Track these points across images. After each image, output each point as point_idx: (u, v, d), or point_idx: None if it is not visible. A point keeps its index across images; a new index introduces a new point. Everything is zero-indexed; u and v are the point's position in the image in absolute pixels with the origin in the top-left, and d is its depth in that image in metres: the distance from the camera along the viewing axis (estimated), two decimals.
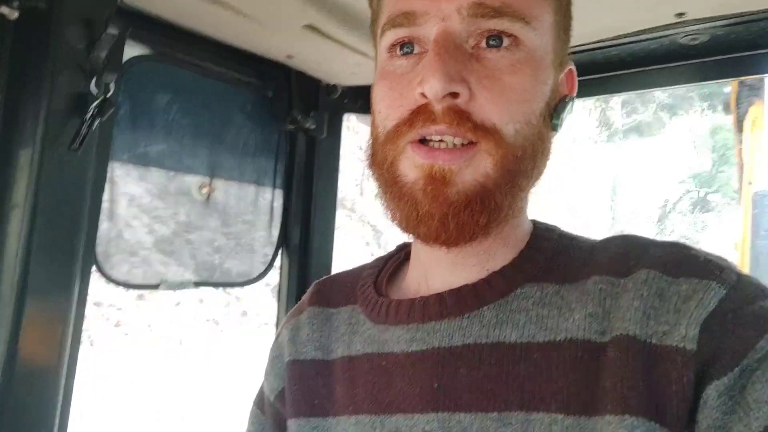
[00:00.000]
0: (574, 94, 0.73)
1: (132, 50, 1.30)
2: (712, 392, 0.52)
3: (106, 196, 1.25)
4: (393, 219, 0.67)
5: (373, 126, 0.70)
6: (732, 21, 1.09)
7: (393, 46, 0.66)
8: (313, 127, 1.59)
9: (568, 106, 0.70)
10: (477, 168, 0.61)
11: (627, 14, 1.10)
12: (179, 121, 1.40)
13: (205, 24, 1.29)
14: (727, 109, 3.65)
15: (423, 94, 0.61)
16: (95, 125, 1.11)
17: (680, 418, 0.54)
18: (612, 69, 1.29)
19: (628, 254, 0.64)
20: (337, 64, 1.47)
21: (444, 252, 0.66)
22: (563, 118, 0.69)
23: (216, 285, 1.51)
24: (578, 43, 1.23)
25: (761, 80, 3.81)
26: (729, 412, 0.52)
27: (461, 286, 0.67)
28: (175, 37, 1.32)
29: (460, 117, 0.60)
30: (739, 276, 0.59)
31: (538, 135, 0.64)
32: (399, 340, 0.69)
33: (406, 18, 0.63)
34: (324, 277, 0.90)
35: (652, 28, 1.14)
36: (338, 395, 0.74)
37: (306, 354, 0.79)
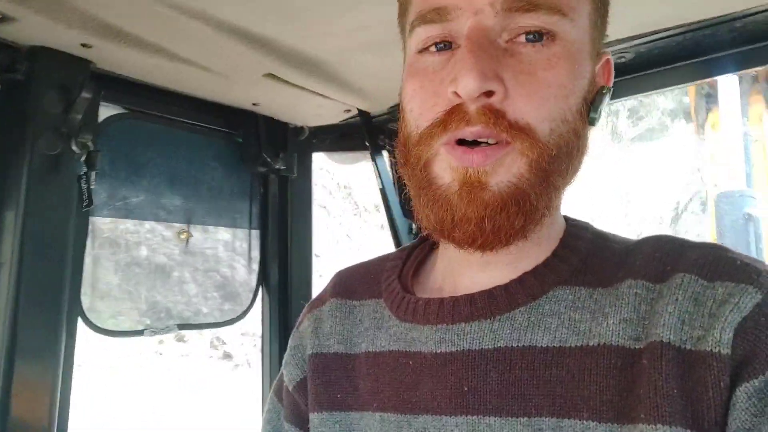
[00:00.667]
0: (611, 85, 0.69)
1: (107, 110, 1.39)
2: (741, 394, 0.51)
3: (88, 249, 1.32)
4: (426, 222, 0.64)
5: (404, 124, 0.66)
6: (651, 38, 1.19)
7: (424, 42, 0.63)
8: (283, 167, 1.67)
9: (606, 98, 0.66)
10: (510, 168, 0.59)
11: None
12: (156, 173, 1.48)
13: (173, 81, 1.38)
14: (687, 117, 3.80)
15: (457, 93, 0.58)
16: (92, 179, 1.19)
17: (718, 424, 0.52)
18: None
19: (663, 257, 0.62)
20: (300, 107, 1.56)
21: (476, 253, 0.63)
22: (600, 112, 0.65)
23: (199, 327, 1.56)
24: None
25: (715, 88, 4.00)
26: (758, 414, 0.51)
27: (493, 288, 0.65)
28: (147, 94, 1.41)
29: (496, 116, 0.58)
30: None
31: (574, 132, 0.62)
32: (427, 340, 0.67)
33: (438, 13, 0.61)
34: (345, 267, 0.88)
35: None
36: (362, 390, 0.72)
37: (329, 347, 0.78)
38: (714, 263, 0.59)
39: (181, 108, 1.49)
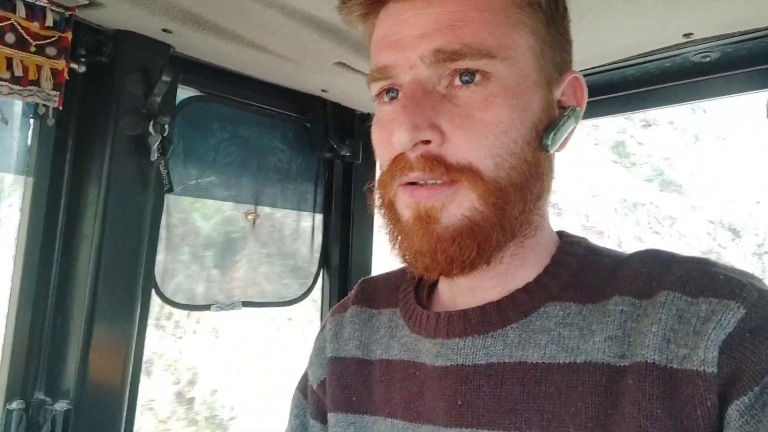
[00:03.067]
0: (581, 105, 0.70)
1: (183, 92, 1.44)
2: (733, 412, 0.52)
3: (162, 226, 1.38)
4: (397, 255, 0.68)
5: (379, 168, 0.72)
6: (740, 38, 1.13)
7: (379, 94, 0.68)
8: (348, 153, 1.69)
9: (565, 122, 0.67)
10: (462, 203, 0.62)
11: (636, 36, 1.15)
12: (227, 155, 1.53)
13: (247, 66, 1.42)
14: None
15: None
16: (166, 163, 1.25)
17: None
18: (629, 88, 1.35)
19: (650, 273, 0.63)
20: (368, 94, 1.55)
21: (457, 278, 0.66)
22: (556, 138, 0.66)
23: (263, 305, 1.61)
24: (594, 65, 1.29)
25: None
26: (752, 431, 0.51)
27: (485, 304, 0.68)
28: (221, 79, 1.46)
29: (433, 162, 0.61)
30: (761, 293, 0.57)
31: (525, 161, 0.63)
32: (428, 352, 0.70)
33: (381, 72, 0.65)
34: (369, 276, 0.92)
35: (663, 48, 1.19)
36: (376, 395, 0.76)
37: (347, 352, 0.81)
38: (698, 279, 0.59)
39: (254, 92, 1.53)
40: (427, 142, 0.61)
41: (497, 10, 0.63)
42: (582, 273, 0.68)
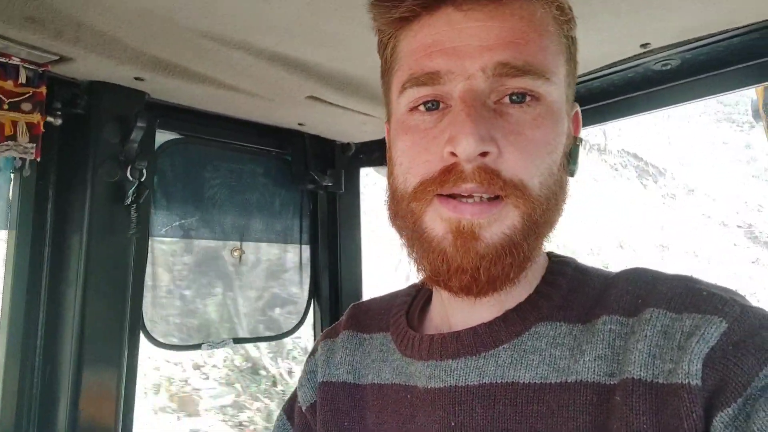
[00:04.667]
0: (579, 134, 0.73)
1: (163, 137, 1.47)
2: (718, 424, 0.53)
3: (148, 269, 1.40)
4: (422, 271, 0.66)
5: (393, 178, 0.69)
6: (698, 44, 1.15)
7: (415, 101, 0.66)
8: (331, 184, 1.72)
9: (578, 149, 0.70)
10: (504, 221, 0.62)
11: (596, 49, 1.18)
12: (210, 194, 1.55)
13: (223, 106, 1.45)
14: (756, 116, 3.60)
15: (453, 153, 0.61)
16: (138, 208, 1.27)
17: None
18: (596, 100, 1.37)
19: (636, 291, 0.65)
20: (345, 125, 1.60)
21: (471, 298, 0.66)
22: (577, 162, 0.69)
23: (254, 341, 1.62)
24: None
25: None
26: None
27: (477, 325, 0.68)
28: (199, 120, 1.49)
29: (491, 175, 0.60)
30: (743, 308, 0.58)
31: (559, 183, 0.65)
32: (420, 375, 0.70)
33: (431, 78, 0.64)
34: (360, 301, 0.93)
35: (623, 60, 1.21)
36: (368, 420, 0.76)
37: (338, 376, 0.82)
38: (682, 296, 0.61)
39: (232, 131, 1.56)
40: (485, 154, 0.61)
41: (552, 35, 0.65)
42: (571, 293, 0.69)
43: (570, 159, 0.68)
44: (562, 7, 0.66)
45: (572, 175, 0.68)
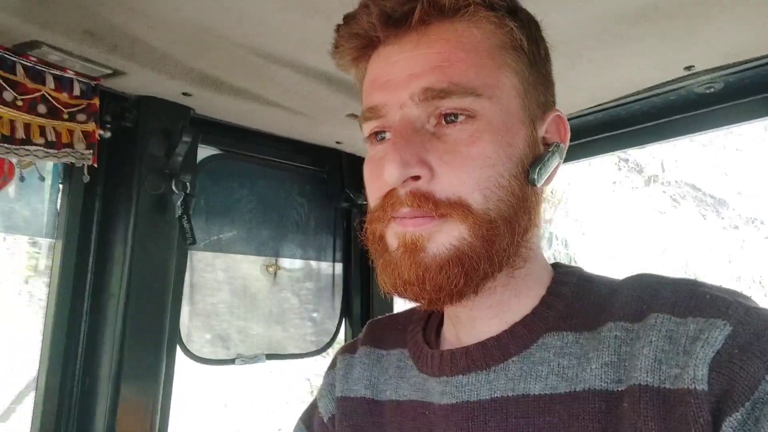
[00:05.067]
0: (564, 141, 0.73)
1: (204, 152, 1.50)
2: (727, 429, 0.52)
3: (186, 281, 1.41)
4: (385, 286, 0.68)
5: (368, 204, 0.73)
6: (742, 68, 1.15)
7: (370, 136, 0.70)
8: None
9: (550, 157, 0.69)
10: (450, 232, 0.63)
11: (639, 72, 1.18)
12: (247, 209, 1.57)
13: (264, 123, 1.48)
14: None
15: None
16: (190, 219, 1.29)
17: None
18: (636, 123, 1.37)
19: (641, 296, 0.65)
20: None
21: (458, 307, 0.68)
22: (542, 173, 0.68)
23: (286, 357, 1.62)
24: (598, 103, 1.32)
25: None
26: None
27: (486, 339, 0.69)
28: (240, 136, 1.52)
29: (421, 199, 0.62)
30: (748, 310, 0.58)
31: (513, 194, 0.65)
32: (434, 391, 0.71)
33: (373, 112, 0.68)
34: (378, 317, 0.93)
35: (666, 82, 1.22)
36: None
37: (356, 392, 0.83)
38: (686, 300, 0.61)
39: (271, 147, 1.58)
40: (417, 178, 0.63)
41: (482, 52, 0.66)
42: (576, 302, 0.69)
43: (531, 167, 0.67)
44: (503, 16, 0.67)
45: (533, 184, 0.67)
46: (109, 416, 1.19)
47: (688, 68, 1.16)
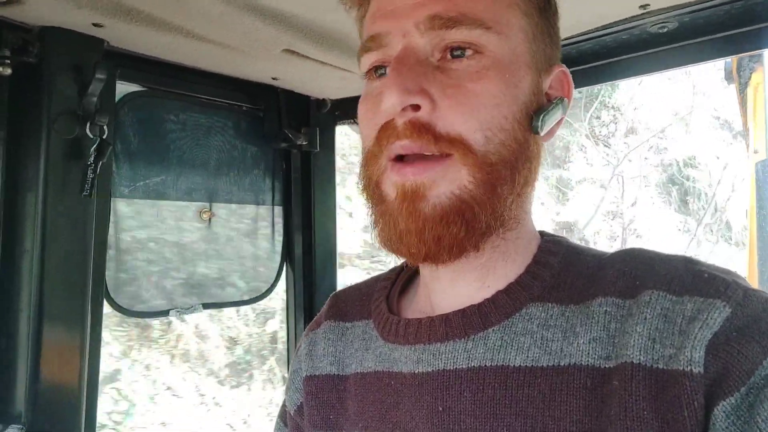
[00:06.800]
0: (568, 97, 0.70)
1: (124, 89, 1.36)
2: (720, 413, 0.51)
3: (111, 231, 1.31)
4: (379, 239, 0.65)
5: (362, 144, 0.69)
6: (696, 8, 1.10)
7: (369, 71, 0.67)
8: (305, 142, 1.63)
9: (554, 109, 0.66)
10: (453, 180, 0.60)
11: (592, 9, 1.12)
12: (176, 151, 1.45)
13: (190, 57, 1.34)
14: (729, 77, 3.61)
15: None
16: (98, 168, 1.17)
17: None
18: (587, 62, 1.31)
19: (633, 272, 0.62)
20: (322, 80, 1.51)
21: (440, 268, 0.65)
22: (545, 121, 0.65)
23: (225, 305, 1.56)
24: None
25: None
26: None
27: (466, 307, 0.66)
28: (164, 71, 1.38)
29: (420, 129, 0.59)
30: (746, 292, 0.57)
31: (515, 139, 0.62)
32: (407, 360, 0.68)
33: (374, 41, 0.64)
34: (341, 289, 0.90)
35: (620, 21, 1.16)
36: (350, 410, 0.74)
37: (322, 369, 0.80)
38: (682, 277, 0.59)
39: (200, 84, 1.45)
40: (417, 108, 0.60)
41: None
42: (564, 273, 0.67)
43: (534, 116, 0.65)
44: None
45: (536, 132, 0.65)
46: (30, 377, 1.12)
47: (643, 6, 1.10)
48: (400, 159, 0.62)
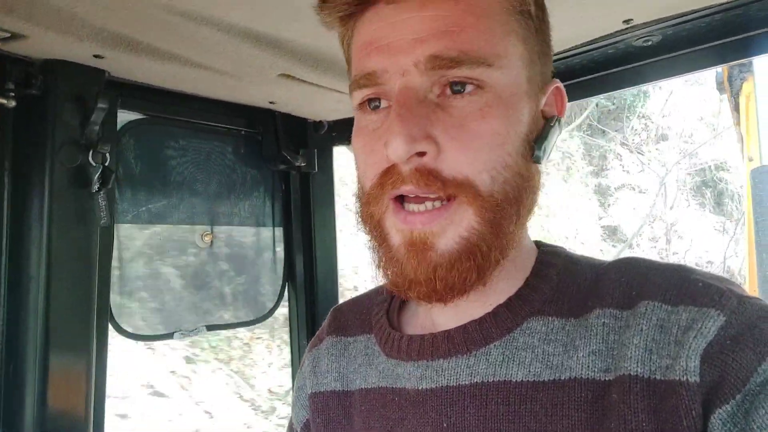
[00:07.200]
0: (562, 114, 0.70)
1: (125, 117, 1.39)
2: (716, 421, 0.51)
3: (114, 255, 1.33)
4: (386, 281, 0.65)
5: (357, 178, 0.68)
6: (679, 20, 1.13)
7: (362, 104, 0.65)
8: (303, 164, 1.66)
9: (551, 132, 0.66)
10: (460, 224, 0.59)
11: (577, 26, 1.15)
12: (177, 176, 1.48)
13: (188, 84, 1.38)
14: (720, 88, 3.65)
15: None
16: (106, 195, 1.20)
17: None
18: (575, 76, 1.34)
19: (629, 282, 0.62)
20: (318, 103, 1.54)
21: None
22: (546, 148, 0.65)
23: (228, 327, 1.57)
24: None
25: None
26: None
27: (468, 323, 0.66)
28: (164, 99, 1.41)
29: (428, 176, 0.58)
30: (740, 299, 0.57)
31: (519, 174, 0.62)
32: (410, 376, 0.68)
33: (368, 78, 0.62)
34: (340, 303, 0.90)
35: (605, 36, 1.19)
36: (356, 427, 0.74)
37: (326, 385, 0.80)
38: (677, 287, 0.59)
39: (199, 110, 1.49)
40: (422, 154, 0.59)
41: (492, 17, 0.61)
42: (563, 285, 0.67)
43: (536, 144, 0.64)
44: None
45: (538, 161, 0.65)
46: (38, 402, 1.13)
47: (626, 21, 1.13)
48: (400, 199, 0.62)
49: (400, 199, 0.62)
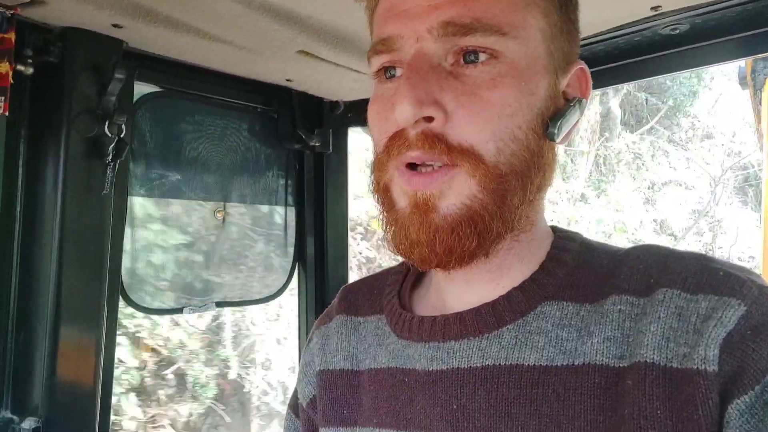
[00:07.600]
0: (585, 97, 0.68)
1: (142, 89, 1.38)
2: (734, 411, 0.51)
3: (127, 229, 1.33)
4: (389, 244, 0.65)
5: (372, 147, 0.69)
6: (708, 9, 1.11)
7: (379, 71, 0.66)
8: (318, 144, 1.65)
9: (570, 111, 0.65)
10: (461, 190, 0.59)
11: (604, 11, 1.12)
12: (191, 151, 1.47)
13: (206, 58, 1.36)
14: (743, 83, 3.58)
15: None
16: (116, 167, 1.19)
17: None
18: (600, 63, 1.32)
19: (647, 270, 0.62)
20: (335, 82, 1.53)
21: (453, 271, 0.65)
22: (562, 127, 0.64)
23: (237, 304, 1.57)
24: None
25: None
26: (752, 431, 0.50)
27: (481, 305, 0.66)
28: (181, 72, 1.40)
29: (433, 141, 0.58)
30: (761, 289, 0.56)
31: (528, 149, 0.61)
32: (420, 357, 0.68)
33: (384, 44, 0.63)
34: (351, 282, 0.90)
35: (632, 23, 1.16)
36: (365, 406, 0.73)
37: (335, 364, 0.79)
38: (697, 275, 0.58)
39: (216, 85, 1.48)
40: (430, 119, 0.59)
41: None
42: (578, 271, 0.66)
43: (551, 122, 0.63)
44: None
45: (552, 139, 0.63)
46: (47, 371, 1.14)
47: (654, 8, 1.10)
48: (411, 167, 0.62)
49: (409, 167, 0.62)
